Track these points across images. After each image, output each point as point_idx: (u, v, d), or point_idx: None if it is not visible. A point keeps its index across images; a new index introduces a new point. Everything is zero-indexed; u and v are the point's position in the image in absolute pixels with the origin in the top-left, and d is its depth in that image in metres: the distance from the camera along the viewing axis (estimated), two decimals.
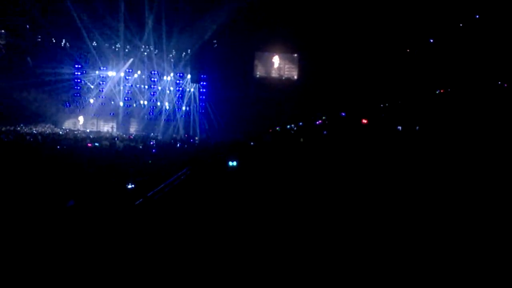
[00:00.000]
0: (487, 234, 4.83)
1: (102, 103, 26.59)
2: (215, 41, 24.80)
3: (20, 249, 4.64)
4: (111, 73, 26.44)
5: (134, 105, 26.75)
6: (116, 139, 21.23)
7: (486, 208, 5.58)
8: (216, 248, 4.75)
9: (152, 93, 26.67)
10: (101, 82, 26.55)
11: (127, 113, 26.76)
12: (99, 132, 25.47)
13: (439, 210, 5.92)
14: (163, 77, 26.52)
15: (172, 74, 26.49)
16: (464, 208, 5.71)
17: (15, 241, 4.87)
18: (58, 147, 16.84)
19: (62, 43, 25.35)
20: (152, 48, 25.56)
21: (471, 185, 6.47)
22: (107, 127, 26.61)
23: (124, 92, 26.76)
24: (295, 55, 25.86)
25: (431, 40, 17.85)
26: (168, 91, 26.64)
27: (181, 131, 25.91)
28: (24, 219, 5.74)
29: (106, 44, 25.35)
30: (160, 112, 26.55)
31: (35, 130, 22.83)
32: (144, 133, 25.36)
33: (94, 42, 25.08)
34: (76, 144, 18.01)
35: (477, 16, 15.57)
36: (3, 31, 24.52)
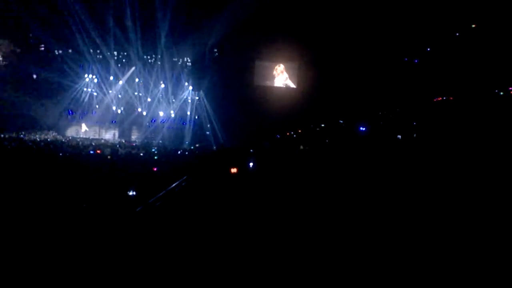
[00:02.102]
0: (483, 236, 4.92)
1: (104, 111, 26.84)
2: (216, 51, 25.10)
3: (21, 253, 4.69)
4: (113, 82, 26.71)
5: (136, 112, 26.98)
6: (118, 146, 21.40)
7: (483, 211, 5.70)
8: (217, 255, 4.81)
9: (153, 101, 26.92)
10: (103, 90, 26.81)
11: (128, 120, 26.96)
12: (101, 139, 25.66)
13: (436, 211, 6.03)
14: (164, 85, 26.78)
15: (173, 83, 26.75)
16: (461, 211, 5.82)
17: (16, 245, 4.93)
18: (61, 154, 16.94)
19: (65, 52, 25.66)
20: (153, 58, 25.86)
21: (468, 189, 6.58)
22: (109, 135, 26.83)
23: (126, 101, 27.01)
24: (295, 64, 26.10)
25: (428, 49, 18.07)
26: (169, 99, 26.89)
27: (182, 139, 26.07)
28: (25, 225, 5.81)
29: (108, 53, 25.66)
30: (161, 120, 26.77)
31: (38, 137, 23.00)
32: (145, 141, 25.54)
33: (97, 51, 25.41)
34: (78, 151, 18.13)
35: (473, 26, 15.78)
36: (6, 40, 24.88)
